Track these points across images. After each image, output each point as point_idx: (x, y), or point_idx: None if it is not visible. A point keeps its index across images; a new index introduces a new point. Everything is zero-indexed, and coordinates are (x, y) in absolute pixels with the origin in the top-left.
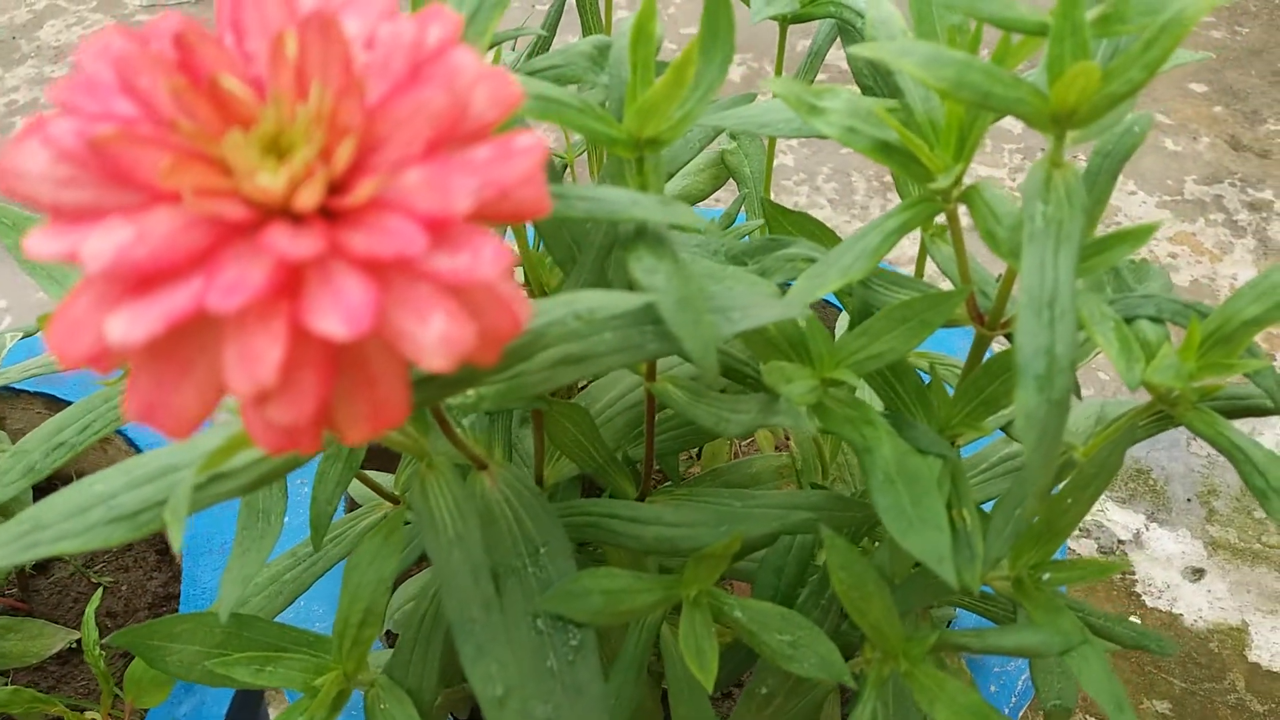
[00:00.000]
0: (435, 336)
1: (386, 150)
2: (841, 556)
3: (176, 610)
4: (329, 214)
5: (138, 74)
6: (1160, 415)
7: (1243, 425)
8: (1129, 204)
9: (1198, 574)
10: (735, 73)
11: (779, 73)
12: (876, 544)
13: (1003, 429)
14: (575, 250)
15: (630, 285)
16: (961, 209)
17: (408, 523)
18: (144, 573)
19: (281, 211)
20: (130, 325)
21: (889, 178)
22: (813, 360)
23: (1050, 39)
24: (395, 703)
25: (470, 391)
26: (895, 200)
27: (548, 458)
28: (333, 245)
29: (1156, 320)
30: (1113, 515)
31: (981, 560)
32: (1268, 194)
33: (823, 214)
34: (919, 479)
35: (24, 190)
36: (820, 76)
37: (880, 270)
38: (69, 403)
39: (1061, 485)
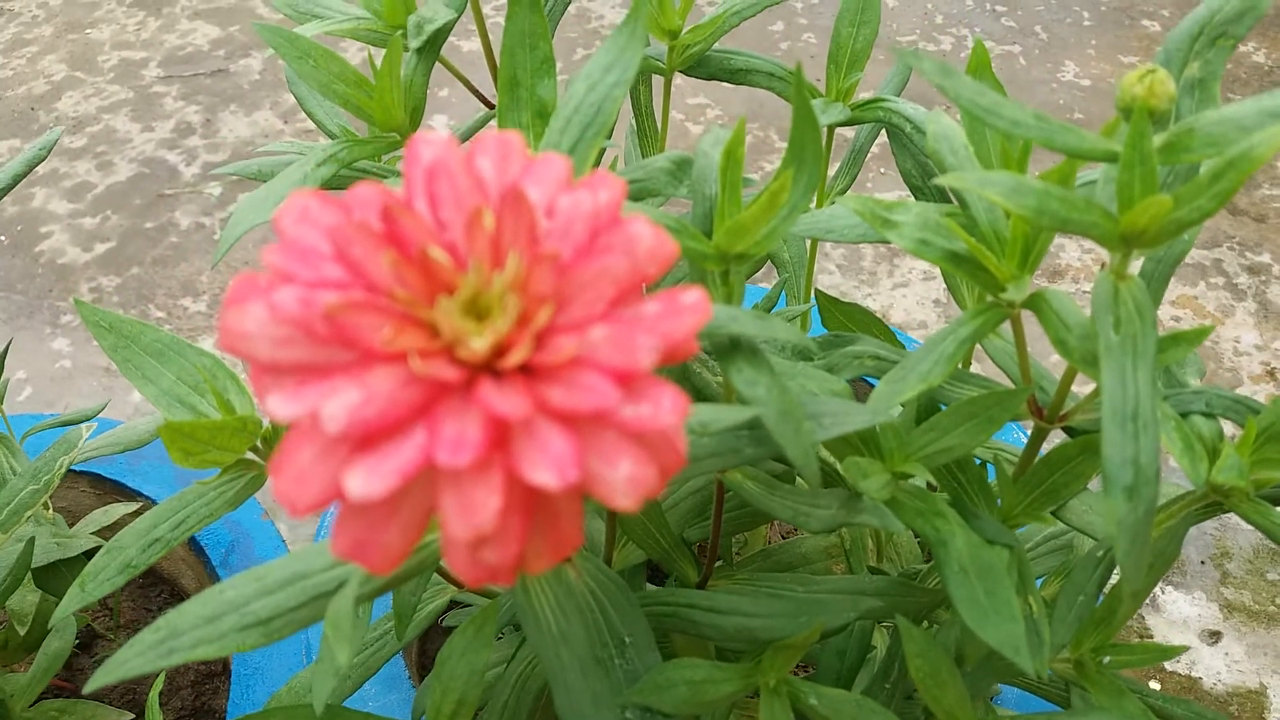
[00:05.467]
0: (624, 479)
1: (572, 309)
2: (918, 646)
3: (220, 688)
4: (524, 368)
5: (350, 244)
6: (1213, 503)
7: None
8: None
9: (1214, 637)
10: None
11: (824, 169)
12: (934, 626)
13: (1055, 514)
14: None
15: (693, 379)
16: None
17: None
18: None
19: (484, 367)
20: (369, 481)
21: (885, 245)
22: (883, 454)
23: (1120, 167)
24: None
25: None
26: (901, 267)
27: (616, 544)
28: (536, 401)
29: (1208, 415)
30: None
31: (1048, 646)
32: (1265, 258)
33: (831, 279)
34: (992, 571)
35: (244, 349)
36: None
37: None
38: (115, 482)
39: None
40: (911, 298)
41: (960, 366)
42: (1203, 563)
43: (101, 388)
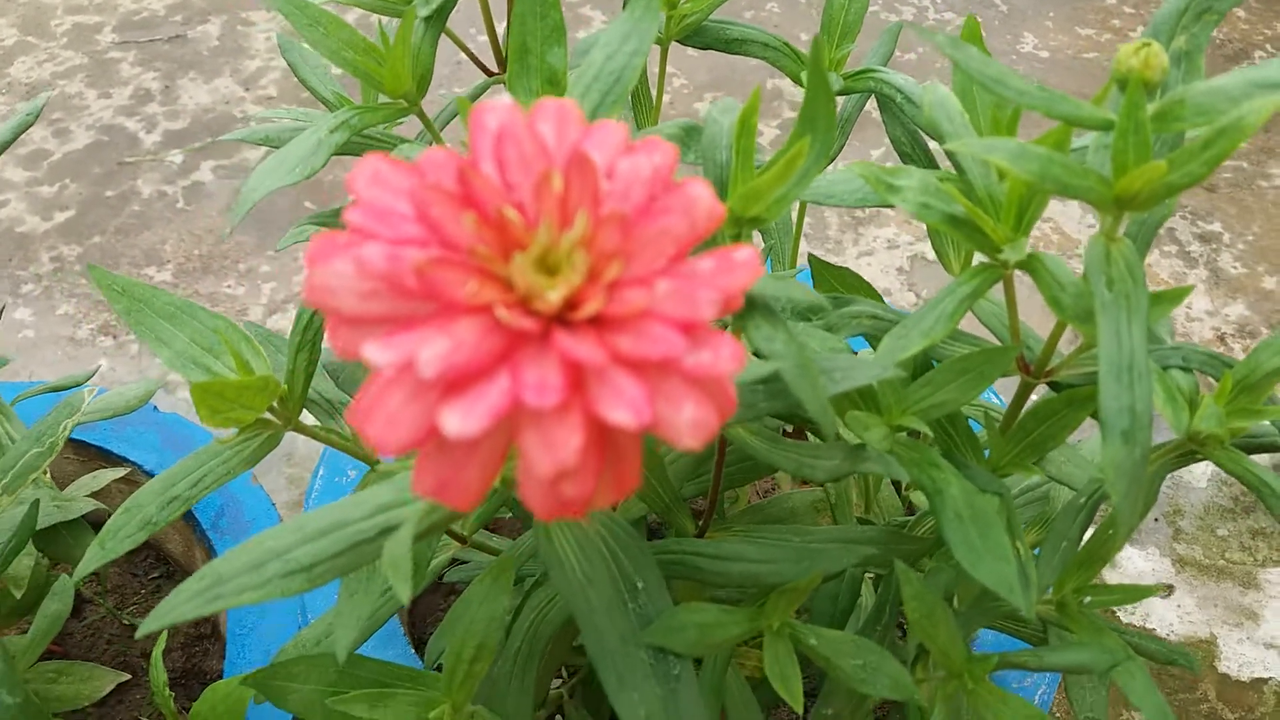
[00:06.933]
0: (688, 421)
1: (634, 266)
2: (914, 589)
3: (210, 649)
4: (592, 320)
5: (430, 205)
6: (1187, 452)
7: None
8: (1090, 236)
9: (1167, 590)
10: None
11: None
12: (920, 574)
13: (1035, 463)
14: None
15: None
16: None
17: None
18: None
19: (555, 319)
20: (465, 421)
21: (860, 213)
22: (881, 409)
23: (1116, 134)
24: None
25: None
26: (866, 235)
27: None
28: (608, 350)
29: (1185, 370)
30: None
31: (1035, 587)
32: (1216, 226)
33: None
34: (985, 516)
35: (330, 303)
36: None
37: None
38: (99, 448)
39: (1103, 519)
40: (876, 265)
41: None
42: (1156, 519)
43: (66, 357)
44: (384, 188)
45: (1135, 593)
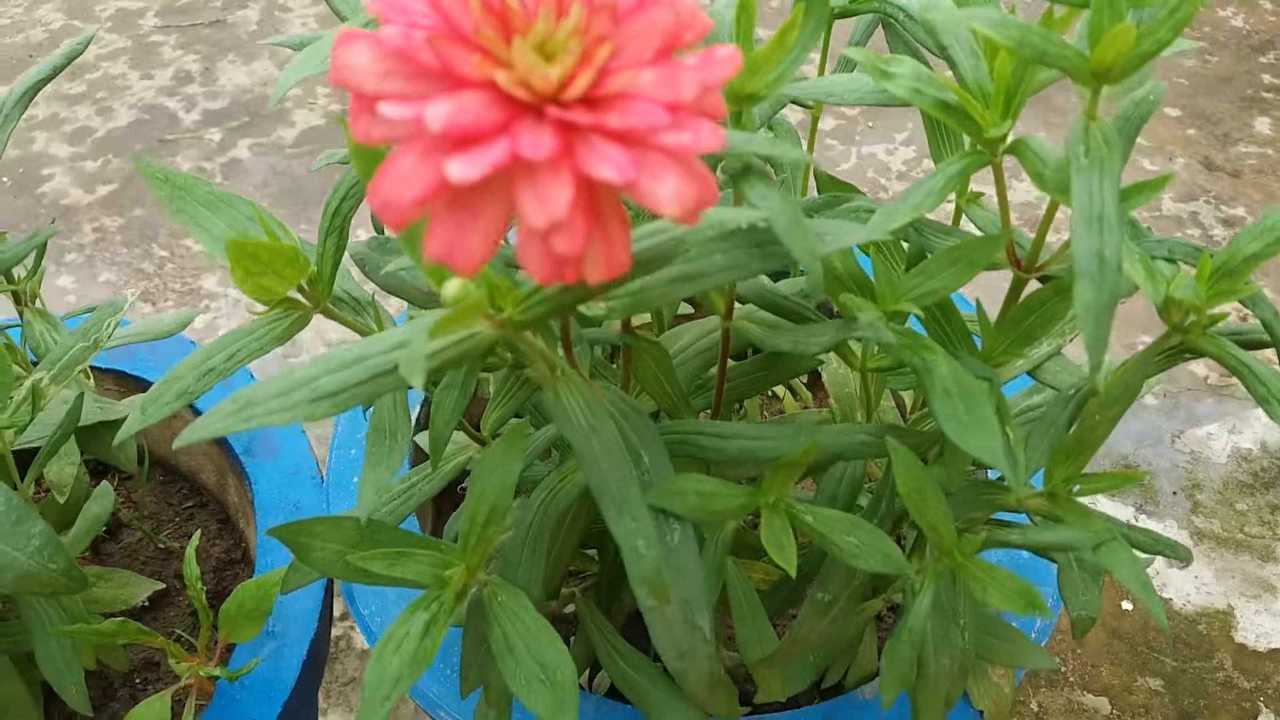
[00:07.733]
0: (670, 191)
1: (623, 56)
2: (904, 462)
3: (240, 574)
4: (584, 101)
5: None
6: (1173, 349)
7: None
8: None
9: (1185, 561)
10: None
11: (824, 60)
12: None
13: (1030, 373)
14: None
15: None
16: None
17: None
18: (208, 539)
19: (551, 98)
20: (467, 168)
21: (883, 194)
22: (875, 297)
23: (1091, 10)
24: (510, 595)
25: (602, 305)
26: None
27: (630, 393)
28: (596, 123)
29: (1170, 260)
30: (1103, 508)
31: (1024, 469)
32: (1240, 211)
33: None
34: (972, 392)
35: (351, 80)
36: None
37: (932, 222)
38: (138, 378)
39: (1089, 405)
40: None
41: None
42: (1175, 493)
43: None
44: None
45: (1122, 479)
